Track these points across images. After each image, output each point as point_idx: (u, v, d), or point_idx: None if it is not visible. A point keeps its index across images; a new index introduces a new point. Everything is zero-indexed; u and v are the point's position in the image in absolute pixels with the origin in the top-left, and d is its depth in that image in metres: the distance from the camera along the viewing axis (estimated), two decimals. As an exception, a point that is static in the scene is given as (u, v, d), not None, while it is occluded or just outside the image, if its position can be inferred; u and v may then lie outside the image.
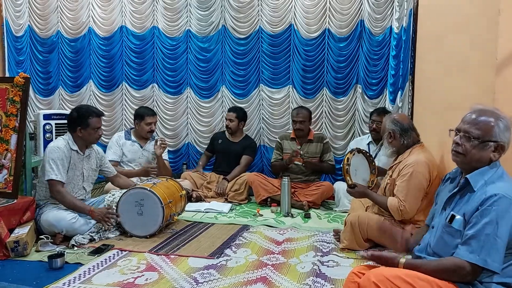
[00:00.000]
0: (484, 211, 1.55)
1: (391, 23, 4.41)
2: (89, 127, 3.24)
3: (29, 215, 3.11)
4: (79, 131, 3.24)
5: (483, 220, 1.54)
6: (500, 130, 1.64)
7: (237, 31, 4.88)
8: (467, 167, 1.73)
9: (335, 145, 4.75)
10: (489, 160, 1.66)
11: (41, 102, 5.32)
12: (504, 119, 1.66)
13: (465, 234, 1.59)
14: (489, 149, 1.66)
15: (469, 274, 1.55)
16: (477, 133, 1.67)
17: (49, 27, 5.24)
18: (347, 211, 3.57)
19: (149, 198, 3.17)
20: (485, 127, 1.66)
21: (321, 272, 2.55)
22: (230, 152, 4.60)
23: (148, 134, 4.18)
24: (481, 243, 1.53)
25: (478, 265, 1.53)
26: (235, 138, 4.64)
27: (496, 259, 1.52)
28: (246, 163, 4.58)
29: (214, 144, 4.73)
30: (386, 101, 4.45)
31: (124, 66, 5.14)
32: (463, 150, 1.70)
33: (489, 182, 1.62)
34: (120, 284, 2.42)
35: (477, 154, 1.67)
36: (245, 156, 4.58)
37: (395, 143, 2.81)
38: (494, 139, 1.65)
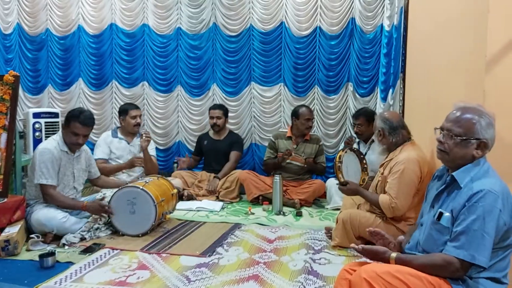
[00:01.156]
0: (471, 208, 1.57)
1: (382, 21, 4.43)
2: (68, 128, 3.21)
3: (19, 214, 3.09)
4: (63, 127, 3.24)
5: (471, 217, 1.56)
6: (482, 128, 1.66)
7: (228, 28, 4.87)
8: (451, 165, 1.76)
9: (327, 143, 4.77)
10: (472, 157, 1.68)
11: (30, 101, 5.27)
12: (486, 117, 1.68)
13: (453, 230, 1.62)
14: (472, 146, 1.68)
15: (458, 270, 1.57)
16: (459, 131, 1.69)
17: (38, 24, 5.18)
18: (339, 208, 3.59)
19: (141, 196, 3.16)
20: (467, 124, 1.68)
21: (313, 270, 2.56)
22: (218, 150, 4.59)
23: (135, 128, 4.16)
24: (469, 239, 1.55)
25: (466, 261, 1.55)
26: (221, 136, 4.63)
27: (484, 254, 1.54)
28: (235, 158, 4.58)
29: (201, 145, 4.71)
30: (377, 99, 4.48)
31: (114, 64, 5.10)
32: (446, 148, 1.73)
33: (475, 178, 1.64)
34: (111, 282, 2.41)
35: (460, 152, 1.70)
36: (234, 152, 4.58)
37: (385, 141, 2.83)
38: (476, 137, 1.67)
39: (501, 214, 1.55)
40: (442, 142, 1.75)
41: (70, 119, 3.20)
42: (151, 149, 4.23)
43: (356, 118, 4.02)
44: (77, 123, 3.19)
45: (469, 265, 1.57)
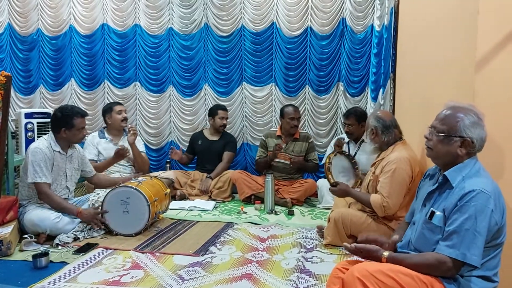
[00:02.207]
0: (463, 207, 1.59)
1: (372, 21, 4.48)
2: (73, 127, 3.22)
3: (12, 214, 3.08)
4: (64, 132, 3.22)
5: (463, 216, 1.58)
6: (465, 126, 1.68)
7: (219, 29, 4.89)
8: (437, 162, 1.80)
9: (318, 143, 4.81)
10: (456, 154, 1.71)
11: (22, 101, 5.24)
12: (472, 115, 1.70)
13: (445, 230, 1.64)
14: (455, 144, 1.71)
15: (450, 269, 1.59)
16: (442, 128, 1.73)
17: (29, 24, 5.16)
18: (331, 207, 3.63)
19: (135, 196, 3.17)
20: (450, 122, 1.72)
21: (305, 268, 2.59)
22: (212, 151, 4.61)
23: (122, 123, 4.18)
24: (461, 238, 1.57)
25: (458, 260, 1.57)
26: (216, 136, 4.65)
27: (476, 253, 1.56)
28: (228, 159, 4.61)
29: (194, 145, 4.71)
30: (367, 99, 4.53)
31: (106, 64, 5.10)
32: (431, 144, 1.78)
33: (466, 177, 1.67)
34: (105, 282, 2.42)
35: (443, 149, 1.73)
36: (227, 152, 4.60)
37: (377, 139, 2.86)
38: (459, 134, 1.70)
39: (492, 213, 1.57)
40: (428, 139, 1.80)
41: (70, 119, 3.20)
42: (140, 145, 4.25)
43: (346, 118, 4.06)
44: (79, 118, 3.24)
45: (461, 264, 1.59)
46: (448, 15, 2.59)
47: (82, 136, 3.31)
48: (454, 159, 1.72)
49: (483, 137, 1.70)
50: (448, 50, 2.54)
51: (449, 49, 2.54)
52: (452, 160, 1.73)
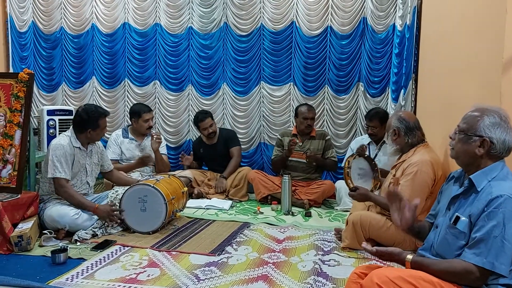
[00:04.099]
0: (490, 214, 1.54)
1: (394, 20, 4.41)
2: (99, 128, 3.29)
3: (32, 210, 3.13)
4: (89, 133, 3.28)
5: (490, 223, 1.53)
6: (485, 125, 1.65)
7: (238, 28, 4.88)
8: (459, 162, 1.76)
9: (337, 143, 4.76)
10: (474, 154, 1.67)
11: (45, 98, 5.34)
12: (493, 116, 1.66)
13: (472, 237, 1.58)
14: (474, 143, 1.67)
15: (478, 279, 1.54)
16: (463, 127, 1.72)
17: (52, 23, 5.24)
18: (349, 210, 3.58)
19: (152, 194, 3.19)
20: (470, 121, 1.70)
21: (323, 271, 2.56)
22: (215, 154, 4.59)
23: (147, 130, 4.20)
24: (489, 246, 1.51)
25: (486, 269, 1.52)
26: (214, 139, 4.60)
27: (504, 262, 1.51)
28: (238, 153, 4.58)
29: (197, 154, 4.70)
30: (388, 100, 4.46)
31: (126, 63, 5.14)
32: (452, 144, 1.76)
33: (493, 182, 1.61)
34: (122, 279, 2.44)
35: (461, 148, 1.71)
36: (233, 148, 4.57)
37: (400, 141, 2.80)
38: (478, 134, 1.66)
39: None
40: (451, 138, 1.78)
41: (96, 119, 3.27)
42: (162, 147, 4.27)
43: (370, 120, 3.96)
44: (104, 118, 3.33)
45: (489, 273, 1.53)
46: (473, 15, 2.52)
47: (103, 134, 3.41)
48: (473, 160, 1.68)
49: (505, 139, 1.65)
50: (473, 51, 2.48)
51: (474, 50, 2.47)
52: (472, 161, 1.69)
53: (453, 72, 2.80)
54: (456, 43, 2.81)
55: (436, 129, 2.99)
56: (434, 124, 3.07)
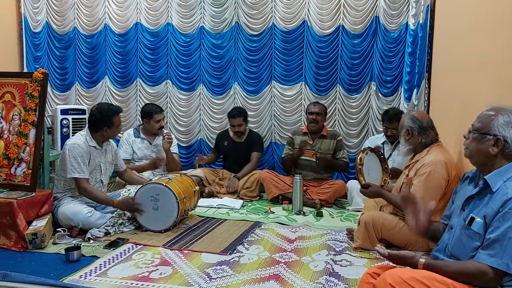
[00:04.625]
0: (506, 214, 1.52)
1: (407, 19, 4.37)
2: (113, 125, 3.33)
3: (46, 208, 3.17)
4: (105, 131, 3.32)
5: (505, 224, 1.51)
6: (499, 124, 1.63)
7: (250, 27, 4.88)
8: (473, 162, 1.74)
9: (348, 143, 4.74)
10: (488, 153, 1.65)
11: (58, 97, 5.40)
12: (508, 115, 1.64)
13: (486, 238, 1.57)
14: (488, 142, 1.66)
15: (492, 280, 1.52)
16: (477, 126, 1.71)
17: (66, 23, 5.30)
18: (360, 210, 3.56)
19: (164, 193, 3.21)
20: (484, 120, 1.69)
21: (335, 271, 2.55)
22: (238, 152, 4.60)
23: (158, 130, 4.23)
24: (503, 247, 1.50)
25: (500, 270, 1.50)
26: (241, 138, 4.63)
27: None
28: (256, 159, 4.58)
29: (220, 145, 4.72)
30: (401, 99, 4.42)
31: (138, 63, 5.18)
32: (466, 143, 1.75)
33: (508, 182, 1.59)
34: (135, 277, 2.45)
35: (476, 147, 1.69)
36: (255, 153, 4.58)
37: (413, 141, 2.77)
38: (492, 133, 1.64)
39: None
40: (466, 138, 1.76)
41: (110, 117, 3.31)
42: (173, 147, 4.28)
43: (389, 122, 3.86)
44: (117, 115, 3.37)
45: (503, 274, 1.51)
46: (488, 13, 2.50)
47: (119, 131, 3.46)
48: (487, 159, 1.67)
49: None
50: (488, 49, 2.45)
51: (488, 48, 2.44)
52: (486, 160, 1.67)
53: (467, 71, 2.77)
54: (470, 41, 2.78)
55: (450, 129, 2.96)
56: (448, 123, 3.04)
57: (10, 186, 3.22)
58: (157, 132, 4.24)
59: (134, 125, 4.90)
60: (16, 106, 3.35)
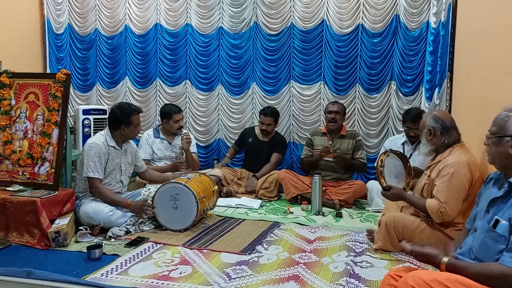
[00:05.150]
0: None
1: (428, 17, 4.31)
2: (132, 124, 3.36)
3: (69, 206, 3.22)
4: (123, 129, 3.36)
5: None
6: None
7: (268, 27, 4.88)
8: (497, 166, 1.73)
9: (368, 143, 4.69)
10: (509, 155, 1.64)
11: (80, 98, 5.49)
12: None
13: (511, 240, 1.54)
14: (507, 144, 1.65)
15: None
16: (494, 130, 1.71)
17: (87, 25, 5.38)
18: (381, 210, 3.52)
19: (184, 192, 3.23)
20: (499, 122, 1.69)
21: (355, 273, 2.52)
22: (261, 151, 4.60)
23: (177, 130, 4.26)
24: None
25: None
26: (266, 137, 4.63)
27: None
28: (276, 161, 4.58)
29: (244, 141, 4.73)
30: (422, 99, 4.36)
31: (158, 63, 5.22)
32: (487, 149, 1.74)
33: None
34: (155, 276, 2.47)
35: (496, 151, 1.69)
36: (276, 154, 4.58)
37: (435, 141, 2.72)
38: (508, 133, 1.64)
39: None
40: (486, 144, 1.75)
41: (129, 115, 3.35)
42: (192, 146, 4.32)
43: (413, 123, 3.79)
44: (137, 115, 3.40)
45: None
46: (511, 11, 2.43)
47: (138, 132, 3.47)
48: (509, 161, 1.65)
49: None
50: None
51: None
52: (508, 162, 1.66)
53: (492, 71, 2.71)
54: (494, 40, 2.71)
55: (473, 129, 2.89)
56: (470, 123, 2.97)
57: (33, 185, 3.29)
58: (176, 132, 4.28)
59: (153, 125, 4.94)
60: (39, 107, 3.42)
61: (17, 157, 3.35)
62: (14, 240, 3.02)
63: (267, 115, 4.53)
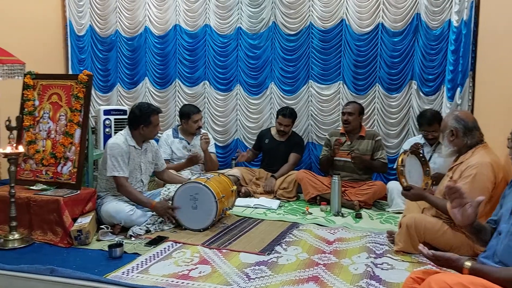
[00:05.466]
0: None
1: (450, 16, 4.23)
2: (151, 124, 3.39)
3: (90, 205, 3.28)
4: (141, 129, 3.39)
5: None
6: None
7: (287, 27, 4.87)
8: None
9: (388, 143, 4.63)
10: None
11: (101, 98, 5.57)
12: None
13: None
14: None
15: None
16: None
17: (108, 26, 5.45)
18: (401, 212, 3.48)
19: (203, 192, 3.25)
20: None
21: (375, 275, 2.50)
22: (278, 151, 4.60)
23: (196, 130, 4.29)
24: None
25: None
26: (282, 138, 4.63)
27: None
28: (294, 161, 4.57)
29: (261, 143, 4.73)
30: (443, 98, 4.29)
31: (177, 64, 5.26)
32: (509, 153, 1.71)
33: None
34: (175, 275, 2.49)
35: None
36: (294, 154, 4.56)
37: (457, 142, 2.68)
38: None
39: None
40: (509, 147, 1.73)
41: (148, 115, 3.38)
42: (211, 146, 4.35)
43: (429, 125, 3.74)
44: (155, 116, 3.42)
45: None
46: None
47: (157, 132, 3.50)
48: None
49: None
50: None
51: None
52: None
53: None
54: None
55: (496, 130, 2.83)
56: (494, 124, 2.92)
57: (56, 184, 3.35)
58: (195, 132, 4.31)
59: (173, 125, 4.98)
60: (62, 107, 3.48)
61: (41, 156, 3.42)
62: (37, 238, 3.09)
63: (285, 116, 4.52)
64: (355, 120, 4.24)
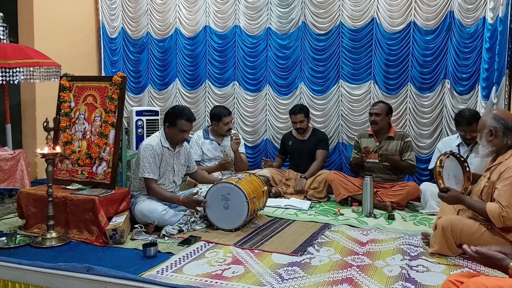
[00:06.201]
0: None
1: (484, 13, 4.14)
2: (175, 127, 3.41)
3: (124, 205, 3.34)
4: (167, 128, 3.44)
5: None
6: None
7: (317, 27, 4.84)
8: None
9: (420, 144, 4.55)
10: None
11: (133, 99, 5.68)
12: None
13: None
14: None
15: None
16: None
17: (140, 28, 5.57)
18: (435, 213, 3.41)
19: (235, 192, 3.27)
20: None
21: (411, 277, 2.45)
22: (303, 150, 4.58)
23: (227, 132, 4.33)
24: None
25: None
26: (305, 136, 4.60)
27: None
28: (322, 157, 4.54)
29: (285, 146, 4.73)
30: (478, 97, 4.18)
31: (207, 65, 5.32)
32: None
33: None
34: (209, 275, 2.51)
35: None
36: (320, 151, 4.53)
37: (496, 142, 2.60)
38: None
39: None
40: None
41: (175, 118, 3.40)
42: (240, 147, 4.37)
43: (468, 125, 3.61)
44: (183, 121, 3.41)
45: None
46: None
47: (182, 138, 3.48)
48: None
49: None
50: None
51: None
52: None
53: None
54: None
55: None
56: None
57: (92, 184, 3.43)
58: (226, 134, 4.34)
59: (203, 126, 5.04)
60: (97, 108, 3.56)
61: (76, 157, 3.51)
62: (74, 236, 3.17)
63: (296, 113, 4.52)
64: (382, 120, 4.17)
